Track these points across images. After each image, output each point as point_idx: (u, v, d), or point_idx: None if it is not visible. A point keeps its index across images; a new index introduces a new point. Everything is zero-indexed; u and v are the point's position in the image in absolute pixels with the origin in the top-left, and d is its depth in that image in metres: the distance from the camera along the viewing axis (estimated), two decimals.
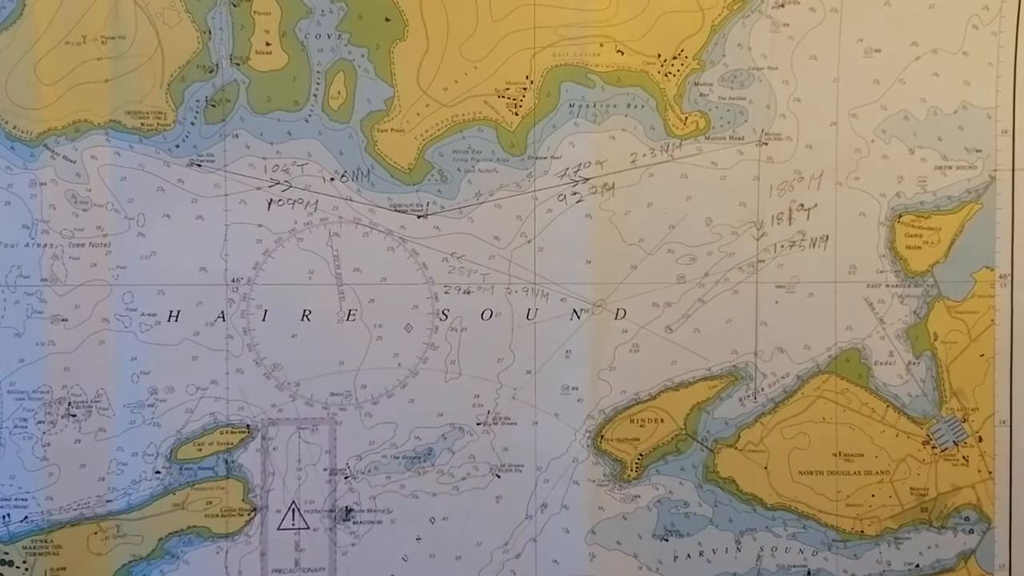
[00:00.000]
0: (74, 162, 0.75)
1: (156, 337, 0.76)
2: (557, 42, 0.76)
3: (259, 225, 0.76)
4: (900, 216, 0.78)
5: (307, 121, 0.76)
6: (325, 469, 0.78)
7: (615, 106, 0.77)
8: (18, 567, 0.76)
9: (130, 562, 0.76)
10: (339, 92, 0.76)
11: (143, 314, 0.76)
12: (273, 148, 0.76)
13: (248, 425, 0.77)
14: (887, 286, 0.79)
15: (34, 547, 0.76)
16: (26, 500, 0.75)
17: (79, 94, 0.74)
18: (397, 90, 0.76)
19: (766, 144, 0.78)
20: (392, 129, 0.76)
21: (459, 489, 0.78)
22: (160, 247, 0.76)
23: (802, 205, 0.78)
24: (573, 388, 0.78)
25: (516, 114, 0.77)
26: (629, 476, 0.79)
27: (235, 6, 0.75)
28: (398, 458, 0.78)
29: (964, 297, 0.79)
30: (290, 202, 0.76)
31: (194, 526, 0.77)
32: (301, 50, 0.75)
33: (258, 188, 0.76)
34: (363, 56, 0.76)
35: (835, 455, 0.79)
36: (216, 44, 0.75)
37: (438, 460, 0.78)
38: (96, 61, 0.74)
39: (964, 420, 0.79)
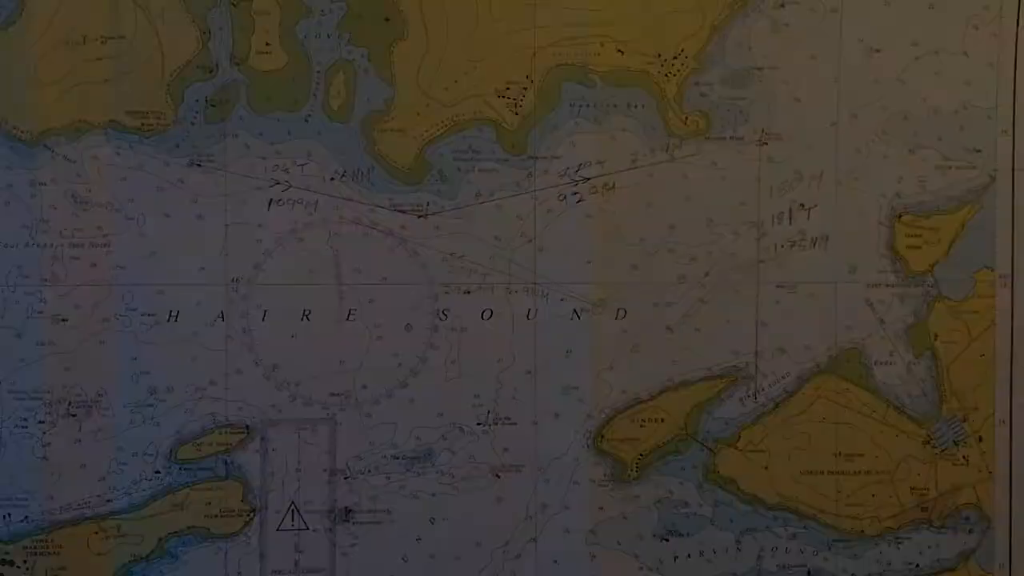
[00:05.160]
0: (74, 162, 0.74)
1: (156, 337, 0.76)
2: (557, 42, 0.76)
3: (259, 225, 0.76)
4: (900, 216, 0.78)
5: (307, 121, 0.76)
6: (324, 469, 0.77)
7: (615, 106, 0.77)
8: (18, 567, 0.75)
9: (130, 562, 0.76)
10: (339, 92, 0.76)
11: (143, 314, 0.75)
12: (273, 148, 0.76)
13: (247, 425, 0.77)
14: (887, 286, 0.79)
15: (34, 547, 0.75)
16: (26, 500, 0.75)
17: (79, 94, 0.74)
18: (397, 90, 0.76)
19: (766, 144, 0.78)
20: (392, 129, 0.76)
21: (459, 489, 0.78)
22: (160, 247, 0.75)
23: (802, 205, 0.78)
24: (573, 388, 0.78)
25: (516, 114, 0.77)
26: (629, 476, 0.79)
27: (235, 6, 0.75)
28: (398, 458, 0.78)
29: (964, 297, 0.79)
30: (290, 202, 0.76)
31: (193, 526, 0.77)
32: (301, 50, 0.75)
33: (258, 188, 0.76)
34: (363, 56, 0.76)
35: (835, 455, 0.79)
36: (216, 44, 0.75)
37: (438, 460, 0.78)
38: (96, 61, 0.74)
39: (964, 420, 0.79)
